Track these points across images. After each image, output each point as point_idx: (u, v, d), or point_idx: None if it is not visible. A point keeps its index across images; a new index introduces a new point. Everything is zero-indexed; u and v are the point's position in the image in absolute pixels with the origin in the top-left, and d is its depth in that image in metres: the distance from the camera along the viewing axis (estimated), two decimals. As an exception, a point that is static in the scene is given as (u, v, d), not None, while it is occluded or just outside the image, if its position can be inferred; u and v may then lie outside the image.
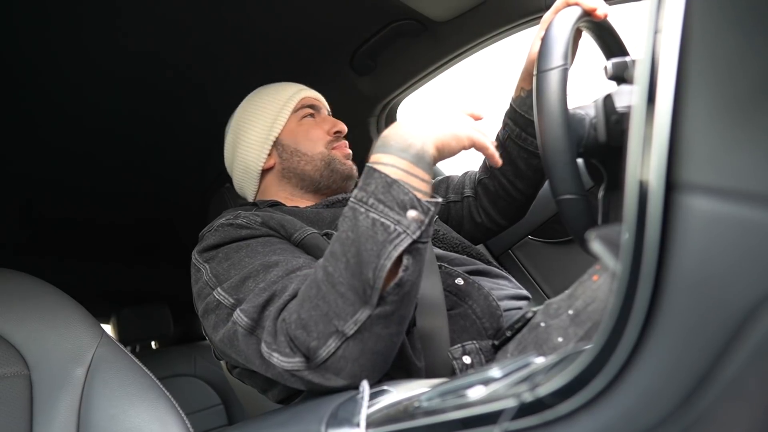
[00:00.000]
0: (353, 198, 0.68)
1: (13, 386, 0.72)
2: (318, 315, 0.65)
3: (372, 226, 0.64)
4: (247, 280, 0.77)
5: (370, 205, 0.65)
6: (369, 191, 0.66)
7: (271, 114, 1.10)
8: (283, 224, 0.89)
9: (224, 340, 0.77)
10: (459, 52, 1.34)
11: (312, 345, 0.66)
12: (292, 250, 0.85)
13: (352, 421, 0.56)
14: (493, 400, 0.41)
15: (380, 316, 0.65)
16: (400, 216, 0.65)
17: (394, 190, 0.65)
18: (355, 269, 0.64)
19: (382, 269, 0.63)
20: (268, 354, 0.69)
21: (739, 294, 0.28)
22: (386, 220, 0.64)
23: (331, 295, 0.65)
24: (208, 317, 0.81)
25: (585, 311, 0.69)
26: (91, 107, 1.31)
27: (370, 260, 0.64)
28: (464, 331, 0.84)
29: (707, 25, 0.30)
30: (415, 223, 0.65)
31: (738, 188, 0.28)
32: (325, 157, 1.08)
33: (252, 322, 0.72)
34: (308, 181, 1.09)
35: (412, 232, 0.64)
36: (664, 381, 0.32)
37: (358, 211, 0.66)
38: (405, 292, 0.67)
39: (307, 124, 1.11)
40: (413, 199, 0.65)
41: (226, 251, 0.84)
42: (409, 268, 0.65)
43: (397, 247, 0.63)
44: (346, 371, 0.67)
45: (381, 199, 0.65)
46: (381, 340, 0.67)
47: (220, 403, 1.97)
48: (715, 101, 0.29)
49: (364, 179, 0.68)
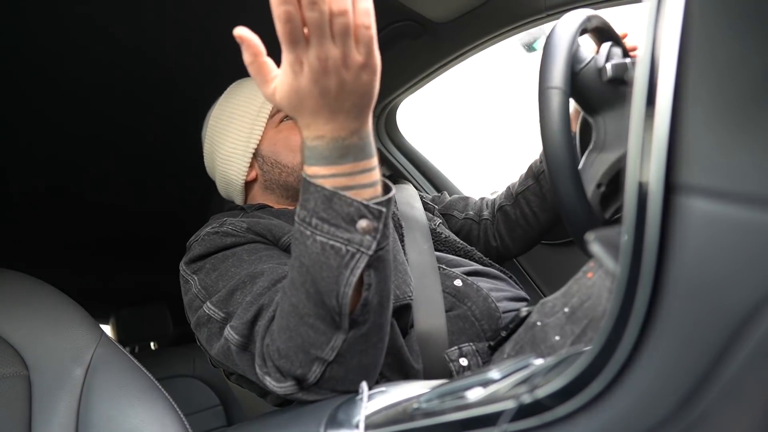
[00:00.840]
0: (297, 217, 0.61)
1: (12, 386, 0.72)
2: (295, 346, 0.63)
3: (322, 251, 0.58)
4: (235, 292, 0.75)
5: (314, 226, 0.59)
6: (309, 209, 0.59)
7: (247, 122, 1.04)
8: (270, 228, 0.87)
9: (219, 354, 0.77)
10: (459, 54, 1.34)
11: (298, 373, 0.64)
12: (278, 255, 0.83)
13: (351, 422, 0.56)
14: (492, 402, 0.41)
15: (356, 337, 0.63)
16: (350, 233, 0.58)
17: (336, 204, 0.58)
18: (316, 299, 0.60)
19: (344, 297, 0.59)
20: (262, 376, 0.68)
21: (738, 296, 0.28)
22: (335, 242, 0.58)
23: (301, 328, 0.62)
24: (200, 330, 0.80)
25: (581, 308, 0.69)
26: (91, 107, 1.31)
27: (330, 288, 0.59)
28: (463, 333, 0.84)
29: (707, 26, 0.30)
30: (367, 236, 0.58)
31: (737, 190, 0.28)
32: None
33: (243, 339, 0.71)
34: (292, 191, 1.04)
35: (366, 248, 0.58)
36: (662, 383, 0.32)
37: (304, 234, 0.60)
38: (374, 307, 0.63)
39: (285, 129, 1.04)
40: (359, 207, 0.58)
41: (213, 261, 0.82)
42: (372, 285, 0.61)
43: (355, 270, 0.58)
44: (340, 386, 0.66)
45: (323, 217, 0.58)
46: (365, 354, 0.66)
47: (219, 404, 1.97)
48: (714, 103, 0.29)
49: (302, 195, 0.61)
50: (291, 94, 0.57)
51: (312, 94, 0.56)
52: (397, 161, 1.71)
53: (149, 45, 1.17)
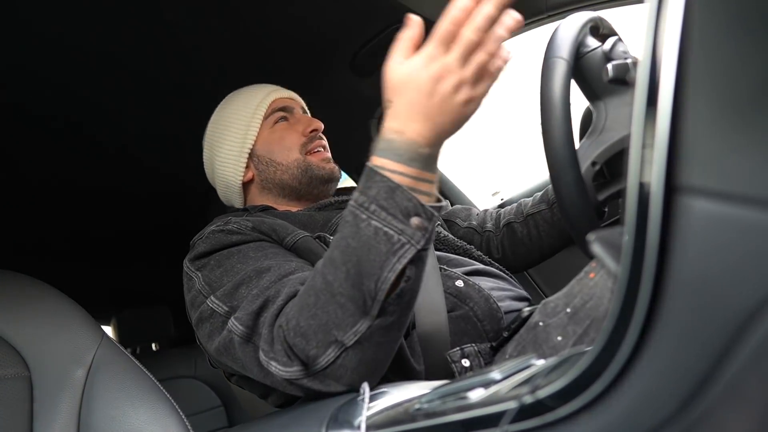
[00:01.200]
0: (353, 201, 0.65)
1: (14, 388, 0.72)
2: (317, 324, 0.64)
3: (374, 234, 0.62)
4: (240, 286, 0.76)
5: (371, 211, 0.62)
6: (370, 196, 0.63)
7: (242, 125, 1.07)
8: (274, 228, 0.88)
9: (220, 348, 0.77)
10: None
11: (311, 353, 0.65)
12: (284, 254, 0.84)
13: (352, 423, 0.56)
14: (494, 403, 0.41)
15: (380, 327, 0.64)
16: (404, 225, 0.61)
17: (398, 196, 0.62)
18: (355, 280, 0.62)
19: (386, 282, 0.61)
20: (266, 362, 0.68)
21: (739, 297, 0.28)
22: (389, 229, 0.61)
23: (330, 306, 0.64)
24: (202, 326, 0.80)
25: (583, 309, 0.69)
26: (92, 107, 1.31)
27: (373, 271, 0.61)
28: (465, 334, 0.84)
29: (707, 26, 0.30)
30: (419, 232, 0.62)
31: (738, 190, 0.28)
32: (301, 164, 1.06)
33: (247, 330, 0.71)
34: (288, 189, 1.07)
35: (416, 242, 0.62)
36: (664, 382, 0.32)
37: (359, 218, 0.63)
38: (406, 301, 0.65)
39: (280, 129, 1.08)
40: (417, 205, 0.62)
41: (217, 258, 0.83)
42: (411, 279, 0.64)
43: (401, 258, 0.61)
44: (346, 378, 0.66)
45: (383, 205, 0.62)
46: (380, 348, 0.67)
47: (220, 405, 1.97)
48: (715, 103, 0.29)
49: (365, 181, 0.65)
50: (406, 75, 0.63)
51: (420, 88, 0.62)
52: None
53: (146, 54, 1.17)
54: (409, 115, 0.63)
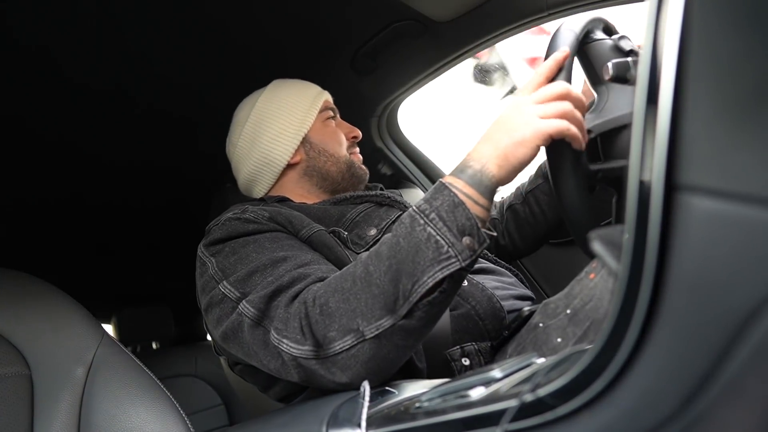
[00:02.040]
0: (416, 207, 0.67)
1: (14, 386, 0.72)
2: (345, 308, 0.66)
3: (426, 240, 0.64)
4: (254, 274, 0.77)
5: (430, 219, 0.65)
6: (434, 206, 0.66)
7: (302, 109, 1.10)
8: (290, 220, 0.89)
9: (227, 332, 0.77)
10: (460, 53, 1.34)
11: (330, 335, 0.66)
12: (299, 246, 0.85)
13: (352, 421, 0.56)
14: (494, 401, 0.41)
15: (402, 328, 0.65)
16: (456, 239, 0.64)
17: (459, 212, 0.64)
18: (395, 276, 0.64)
19: (423, 286, 0.63)
20: (278, 340, 0.69)
21: (740, 295, 0.28)
22: (442, 239, 0.63)
23: (363, 294, 0.65)
24: (211, 311, 0.81)
25: (583, 310, 0.69)
26: (93, 107, 1.31)
27: (414, 273, 0.63)
28: (466, 332, 0.84)
29: (707, 25, 0.30)
30: (467, 251, 0.64)
31: (738, 188, 0.28)
32: (348, 161, 1.11)
33: (259, 313, 0.72)
34: (329, 180, 1.11)
35: (463, 259, 0.63)
36: (664, 381, 0.32)
37: (416, 221, 0.65)
38: (434, 312, 0.67)
39: (332, 125, 1.14)
40: (474, 226, 0.64)
41: (233, 245, 0.84)
42: (446, 291, 0.65)
43: (444, 270, 0.63)
44: (353, 370, 0.67)
45: (443, 216, 0.65)
46: (395, 350, 0.67)
47: (221, 404, 1.97)
48: (715, 102, 0.29)
49: (432, 193, 0.68)
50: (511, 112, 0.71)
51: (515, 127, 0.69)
52: (399, 160, 1.71)
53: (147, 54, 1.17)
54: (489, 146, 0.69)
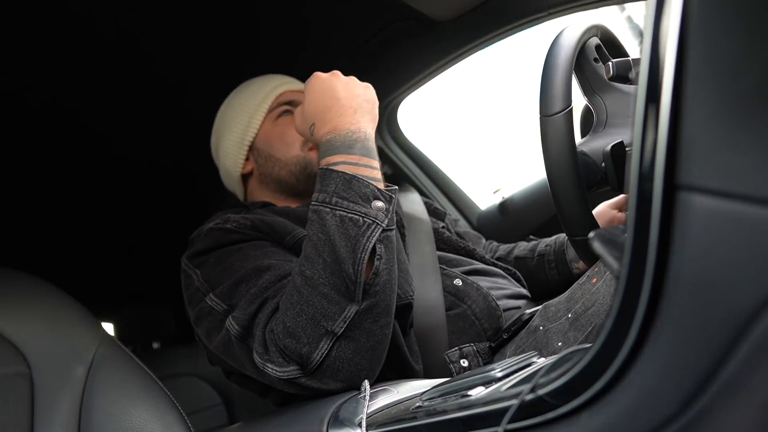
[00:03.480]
0: (314, 201, 0.70)
1: (14, 385, 0.72)
2: (304, 320, 0.65)
3: (341, 223, 0.66)
4: (240, 284, 0.76)
5: (334, 204, 0.67)
6: (330, 192, 0.68)
7: (245, 117, 1.06)
8: (273, 228, 0.87)
9: (219, 347, 0.77)
10: (460, 52, 1.33)
11: (304, 351, 0.65)
12: (283, 253, 0.84)
13: (353, 421, 0.56)
14: (495, 401, 0.41)
15: (367, 310, 0.66)
16: (366, 208, 0.67)
17: (355, 185, 0.68)
18: (333, 267, 0.65)
19: (361, 262, 0.65)
20: (262, 365, 0.68)
21: (740, 295, 0.28)
22: (353, 214, 0.67)
23: (314, 298, 0.65)
24: (201, 323, 0.80)
25: (584, 315, 0.69)
26: (94, 106, 1.31)
27: (347, 256, 0.65)
28: (463, 332, 0.84)
29: (707, 25, 0.29)
30: (381, 213, 0.68)
31: (738, 188, 0.28)
32: (301, 161, 1.02)
33: (243, 330, 0.71)
34: (285, 185, 1.04)
35: (381, 221, 0.67)
36: (664, 381, 0.32)
37: (323, 212, 0.68)
38: (384, 280, 0.68)
39: (283, 124, 1.05)
40: (374, 190, 0.69)
41: (217, 256, 0.83)
42: (382, 257, 0.67)
43: (370, 237, 0.66)
44: (343, 372, 0.66)
45: (344, 196, 0.67)
46: (372, 335, 0.67)
47: (221, 403, 1.97)
48: (715, 102, 0.29)
49: (321, 183, 0.70)
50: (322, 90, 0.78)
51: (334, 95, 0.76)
52: (399, 159, 1.70)
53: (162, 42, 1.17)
54: (332, 116, 0.75)
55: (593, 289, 0.70)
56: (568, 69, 0.74)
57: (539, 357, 0.54)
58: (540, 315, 0.78)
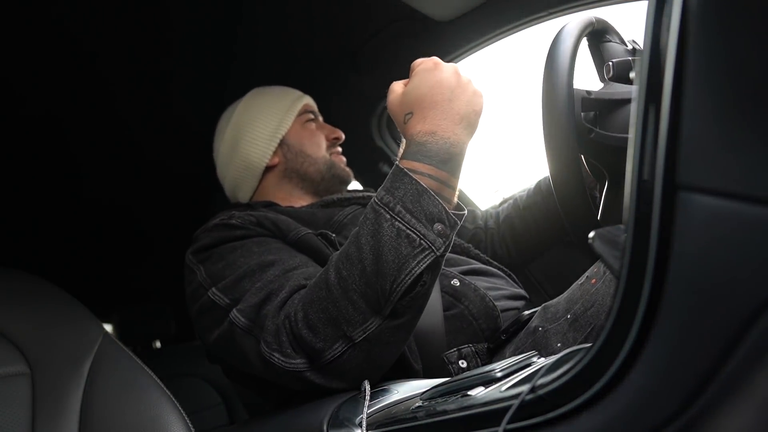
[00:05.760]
0: (378, 199, 0.65)
1: (15, 385, 0.72)
2: (326, 318, 0.64)
3: (396, 236, 0.62)
4: (243, 279, 0.76)
5: (396, 212, 0.63)
6: (397, 197, 0.64)
7: (279, 113, 1.11)
8: (277, 224, 0.88)
9: (220, 341, 0.77)
10: (460, 52, 1.33)
11: (318, 346, 0.65)
12: (287, 249, 0.84)
13: (353, 420, 0.56)
14: (495, 401, 0.41)
15: (390, 327, 0.65)
16: (427, 230, 0.62)
17: (425, 201, 0.63)
18: (371, 279, 0.63)
19: (403, 284, 0.62)
20: (269, 354, 0.68)
21: (740, 294, 0.28)
22: (413, 232, 0.62)
23: (342, 301, 0.64)
24: (202, 318, 0.80)
25: (584, 316, 0.69)
26: (94, 105, 1.31)
27: (390, 272, 0.62)
28: (460, 333, 0.84)
29: (707, 25, 0.29)
30: (440, 239, 0.63)
31: (739, 189, 0.28)
32: (327, 161, 1.11)
33: (249, 322, 0.71)
34: (309, 182, 1.10)
35: (437, 249, 0.62)
36: (665, 381, 0.32)
37: (382, 217, 0.63)
38: (418, 305, 0.66)
39: (311, 128, 1.14)
40: (442, 211, 0.63)
41: (220, 251, 0.83)
42: (426, 283, 0.64)
43: (421, 263, 0.62)
44: (349, 375, 0.66)
45: (409, 208, 0.63)
46: (387, 348, 0.67)
47: (221, 403, 1.97)
48: (715, 102, 0.29)
49: (391, 181, 0.65)
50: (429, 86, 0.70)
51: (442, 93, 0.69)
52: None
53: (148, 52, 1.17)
54: (435, 115, 0.67)
55: (592, 289, 0.70)
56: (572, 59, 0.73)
57: (539, 357, 0.54)
58: (539, 316, 0.78)
